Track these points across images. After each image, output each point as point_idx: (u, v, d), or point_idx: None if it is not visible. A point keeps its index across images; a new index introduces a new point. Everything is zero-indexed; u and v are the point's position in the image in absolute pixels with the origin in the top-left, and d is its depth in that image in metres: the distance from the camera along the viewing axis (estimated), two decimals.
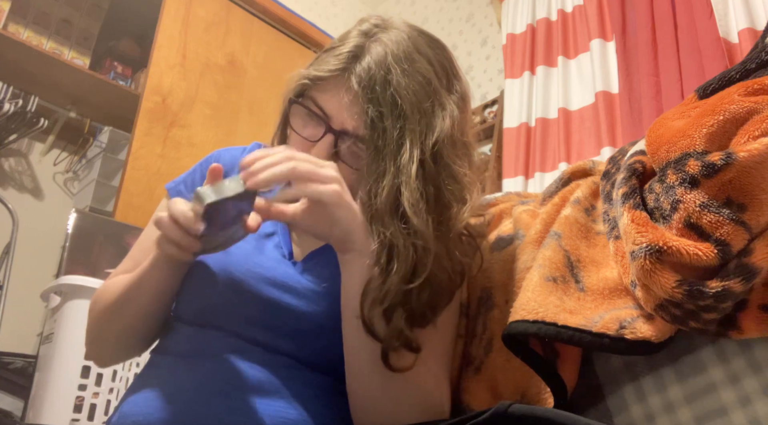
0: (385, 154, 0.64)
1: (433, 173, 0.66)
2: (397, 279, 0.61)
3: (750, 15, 1.99)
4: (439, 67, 0.71)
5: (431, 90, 0.68)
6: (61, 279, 1.54)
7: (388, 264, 0.62)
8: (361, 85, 0.66)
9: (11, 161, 2.53)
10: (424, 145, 0.65)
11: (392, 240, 0.62)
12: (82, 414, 1.43)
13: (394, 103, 0.65)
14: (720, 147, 0.56)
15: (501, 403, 0.47)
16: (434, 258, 0.63)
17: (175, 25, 2.46)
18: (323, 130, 0.69)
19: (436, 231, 0.64)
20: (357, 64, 0.67)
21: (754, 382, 0.55)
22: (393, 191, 0.63)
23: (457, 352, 0.79)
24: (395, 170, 0.64)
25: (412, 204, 0.63)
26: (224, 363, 0.65)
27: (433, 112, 0.68)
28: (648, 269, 0.54)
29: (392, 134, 0.65)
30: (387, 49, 0.68)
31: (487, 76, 3.19)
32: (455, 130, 0.69)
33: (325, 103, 0.69)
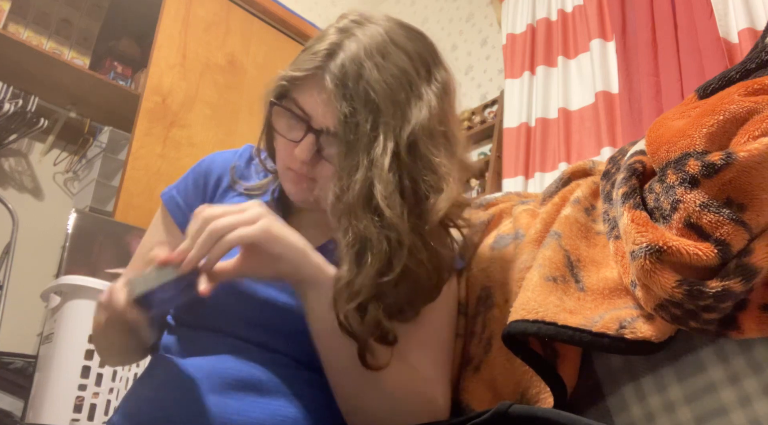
0: (358, 149, 0.64)
1: (409, 164, 0.65)
2: (371, 273, 0.61)
3: (750, 15, 1.99)
4: (417, 58, 0.71)
5: (407, 81, 0.68)
6: (61, 279, 1.54)
7: (362, 258, 0.62)
8: (335, 83, 0.65)
9: (11, 161, 2.53)
10: (399, 136, 0.65)
11: (365, 233, 0.62)
12: (82, 414, 1.43)
13: (367, 98, 0.65)
14: (720, 147, 0.56)
15: (501, 403, 0.47)
16: (409, 251, 0.63)
17: (175, 25, 2.46)
18: (304, 130, 0.69)
19: (412, 223, 0.64)
20: (331, 62, 0.67)
21: (754, 382, 0.55)
22: (366, 184, 0.63)
23: (456, 351, 0.79)
24: (368, 163, 0.63)
25: (385, 196, 0.62)
26: (223, 363, 0.65)
27: (409, 103, 0.67)
28: (648, 269, 0.54)
29: (365, 128, 0.64)
30: (360, 45, 0.67)
31: (487, 76, 3.19)
32: (433, 120, 0.68)
33: (304, 102, 0.69)
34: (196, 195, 0.83)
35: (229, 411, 0.61)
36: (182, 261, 0.59)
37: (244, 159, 0.86)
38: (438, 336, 0.74)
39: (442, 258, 0.68)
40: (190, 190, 0.83)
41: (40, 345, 1.66)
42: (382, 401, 0.64)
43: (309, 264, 0.63)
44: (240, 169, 0.84)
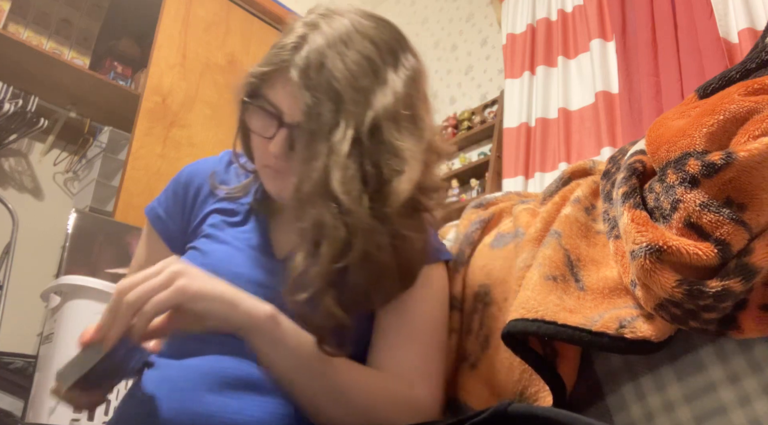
0: (319, 137, 0.64)
1: (371, 149, 0.65)
2: (326, 260, 0.61)
3: (750, 15, 1.99)
4: (383, 45, 0.71)
5: (371, 67, 0.68)
6: (61, 279, 1.54)
7: (317, 246, 0.62)
8: (299, 74, 0.66)
9: (11, 161, 2.53)
10: (361, 122, 0.65)
11: (321, 220, 0.62)
12: (82, 414, 1.43)
13: (329, 86, 0.65)
14: (720, 147, 0.56)
15: (500, 403, 0.47)
16: (367, 235, 0.62)
17: (175, 25, 2.46)
18: (276, 126, 0.69)
19: (373, 208, 0.63)
20: (297, 55, 0.67)
21: (754, 382, 0.55)
22: (324, 172, 0.63)
23: (450, 347, 0.79)
24: (327, 151, 0.64)
25: (342, 182, 0.62)
26: (220, 362, 0.65)
27: (373, 89, 0.67)
28: (648, 268, 0.54)
29: (327, 116, 0.65)
30: (325, 37, 0.68)
31: (487, 76, 3.19)
32: (398, 104, 0.68)
33: (274, 98, 0.69)
34: (176, 205, 0.83)
35: (228, 410, 0.61)
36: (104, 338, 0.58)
37: (224, 164, 0.86)
38: (427, 330, 0.73)
39: (410, 242, 0.67)
40: (170, 201, 0.83)
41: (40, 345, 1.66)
42: (356, 416, 0.64)
43: (238, 314, 0.62)
44: (220, 175, 0.84)
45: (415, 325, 0.72)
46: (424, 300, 0.74)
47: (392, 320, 0.72)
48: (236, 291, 0.63)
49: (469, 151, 3.11)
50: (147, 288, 0.58)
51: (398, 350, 0.70)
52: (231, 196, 0.81)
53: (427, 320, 0.74)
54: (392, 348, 0.70)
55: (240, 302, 0.62)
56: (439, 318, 0.76)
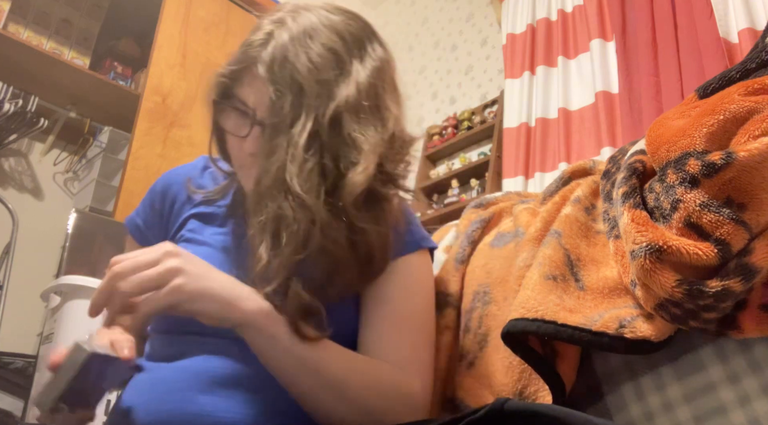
0: (280, 131, 0.65)
1: (330, 142, 0.65)
2: (288, 252, 0.62)
3: (750, 15, 1.99)
4: (350, 37, 0.71)
5: (335, 59, 0.68)
6: (61, 279, 1.54)
7: (278, 238, 0.63)
8: (265, 70, 0.66)
9: (11, 161, 2.53)
10: (322, 115, 0.65)
11: (280, 213, 0.63)
12: None
13: (292, 80, 0.66)
14: (720, 146, 0.56)
15: (497, 400, 0.47)
16: (323, 229, 0.63)
17: (175, 25, 2.46)
18: (250, 124, 0.69)
19: (328, 201, 0.64)
20: (263, 52, 0.68)
21: (754, 382, 0.55)
22: (282, 165, 0.64)
23: (446, 343, 0.79)
24: (286, 144, 0.64)
25: (298, 176, 0.63)
26: (209, 362, 0.65)
27: (336, 81, 0.67)
28: (648, 268, 0.54)
29: (289, 110, 0.65)
30: (290, 32, 0.68)
31: (487, 76, 3.19)
32: (361, 95, 0.68)
33: (245, 96, 0.70)
34: (154, 215, 0.82)
35: (220, 409, 0.61)
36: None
37: (199, 169, 0.85)
38: (413, 318, 0.73)
39: (369, 235, 0.67)
40: (148, 212, 0.83)
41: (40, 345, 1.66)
42: (353, 408, 0.64)
43: (233, 313, 0.61)
44: (196, 180, 0.83)
45: (401, 315, 0.72)
46: (407, 289, 0.74)
47: (377, 310, 0.72)
48: (233, 287, 0.62)
49: (469, 151, 3.11)
50: (141, 281, 0.58)
51: (386, 340, 0.70)
52: (208, 200, 0.80)
53: (412, 309, 0.74)
54: (381, 338, 0.70)
55: (236, 300, 0.61)
56: (424, 307, 0.76)
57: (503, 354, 0.71)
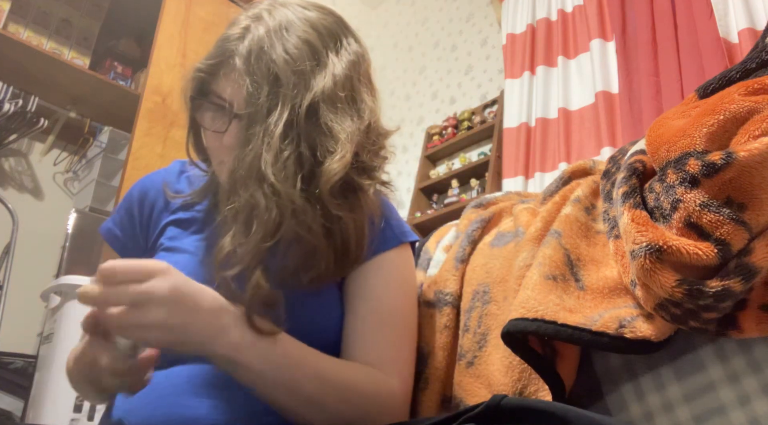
0: (255, 121, 0.66)
1: (306, 131, 0.66)
2: (256, 239, 0.62)
3: (750, 15, 1.99)
4: (325, 31, 0.72)
5: (311, 51, 0.69)
6: (61, 279, 1.54)
7: (247, 226, 0.63)
8: (243, 62, 0.67)
9: (11, 161, 2.54)
10: (298, 105, 0.66)
11: (252, 202, 0.63)
12: (82, 414, 1.43)
13: (268, 71, 0.66)
14: (720, 146, 0.56)
15: (494, 396, 0.48)
16: (297, 216, 0.63)
17: (175, 25, 2.46)
18: (228, 118, 0.69)
19: (304, 189, 0.65)
20: (240, 45, 0.69)
21: (754, 382, 0.55)
22: (257, 154, 0.64)
23: (442, 343, 0.79)
24: (262, 133, 0.65)
25: (272, 163, 0.63)
26: (200, 367, 0.65)
27: (313, 72, 0.68)
28: (648, 268, 0.54)
29: (265, 101, 0.66)
30: (266, 25, 0.69)
31: (487, 76, 3.19)
32: (337, 86, 0.69)
33: (223, 90, 0.70)
34: (131, 223, 0.81)
35: (217, 411, 0.61)
36: None
37: (175, 174, 0.85)
38: (396, 316, 0.73)
39: (344, 223, 0.68)
40: (125, 220, 0.82)
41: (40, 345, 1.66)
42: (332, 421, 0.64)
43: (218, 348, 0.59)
44: (172, 185, 0.83)
45: (383, 312, 0.72)
46: (389, 286, 0.74)
47: (360, 307, 0.72)
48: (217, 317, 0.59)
49: (469, 151, 3.11)
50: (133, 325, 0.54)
51: (368, 338, 0.70)
52: (187, 204, 0.80)
53: (394, 306, 0.74)
54: (362, 336, 0.70)
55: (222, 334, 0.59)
56: (406, 303, 0.76)
57: (503, 354, 0.71)
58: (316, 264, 0.67)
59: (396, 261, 0.76)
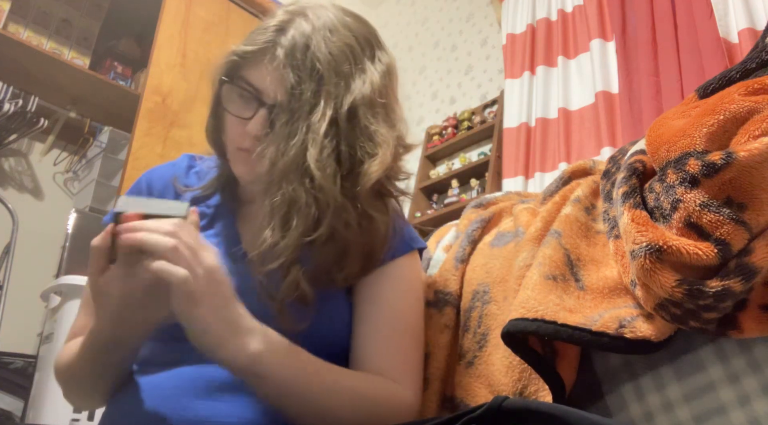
0: (299, 116, 0.66)
1: (347, 131, 0.68)
2: (296, 235, 0.63)
3: (750, 15, 1.99)
4: (363, 39, 0.74)
5: (352, 55, 0.71)
6: (61, 279, 1.54)
7: (287, 220, 0.64)
8: (285, 54, 0.68)
9: (11, 161, 2.53)
10: (340, 104, 0.68)
11: (294, 196, 0.64)
12: (82, 414, 1.43)
13: (312, 67, 0.68)
14: (720, 146, 0.56)
15: (495, 397, 0.48)
16: (337, 212, 0.65)
17: (175, 25, 2.46)
18: (256, 106, 0.70)
19: (345, 186, 0.66)
20: (282, 37, 0.69)
21: (754, 382, 0.55)
22: (301, 149, 0.65)
23: (442, 342, 0.79)
24: (305, 129, 0.66)
25: (317, 159, 0.65)
26: (206, 368, 0.64)
27: (353, 75, 0.70)
28: (648, 268, 0.54)
29: (307, 96, 0.67)
30: (310, 22, 0.71)
31: (487, 76, 3.19)
32: (375, 93, 0.71)
33: (254, 78, 0.70)
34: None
35: (219, 414, 0.61)
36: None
37: (183, 168, 0.85)
38: (406, 322, 0.74)
39: (375, 222, 0.70)
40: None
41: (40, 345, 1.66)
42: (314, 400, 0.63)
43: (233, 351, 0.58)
44: (181, 179, 0.83)
45: (393, 319, 0.72)
46: (400, 293, 0.74)
47: (371, 313, 0.72)
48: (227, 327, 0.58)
49: (469, 151, 3.11)
50: (183, 263, 0.54)
51: (379, 347, 0.70)
52: (196, 199, 0.79)
53: (403, 314, 0.74)
54: (373, 345, 0.70)
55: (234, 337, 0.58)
56: (416, 313, 0.76)
57: (503, 354, 0.71)
58: (348, 263, 0.69)
59: (406, 268, 0.77)
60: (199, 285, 0.55)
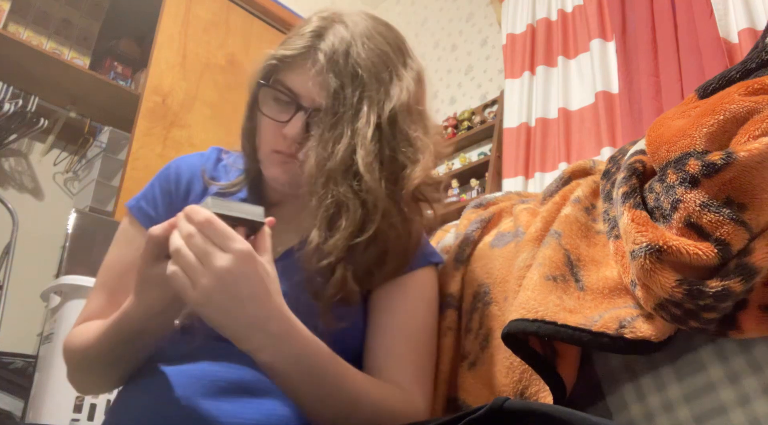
0: (343, 120, 0.68)
1: (389, 136, 0.70)
2: (345, 235, 0.65)
3: (750, 15, 1.99)
4: (395, 46, 0.76)
5: (389, 62, 0.73)
6: (61, 279, 1.54)
7: (335, 221, 0.66)
8: (326, 59, 0.69)
9: (11, 161, 2.53)
10: (381, 110, 0.70)
11: (343, 198, 0.66)
12: (82, 414, 1.43)
13: (354, 73, 0.69)
14: (720, 146, 0.56)
15: (497, 399, 0.48)
16: (383, 214, 0.67)
17: (175, 25, 2.46)
18: (293, 110, 0.71)
19: (389, 189, 0.68)
20: (321, 42, 0.71)
21: (754, 382, 0.55)
22: (348, 152, 0.67)
23: (445, 345, 0.79)
24: (351, 133, 0.68)
25: (367, 163, 0.67)
26: (212, 367, 0.64)
27: (391, 82, 0.72)
28: (648, 268, 0.54)
29: (351, 101, 0.69)
30: (348, 29, 0.72)
31: (487, 76, 3.19)
32: (411, 99, 0.73)
33: (293, 82, 0.72)
34: (165, 202, 0.80)
35: (224, 414, 0.61)
36: None
37: (212, 161, 0.85)
38: (421, 336, 0.74)
39: (414, 225, 0.72)
40: (159, 199, 0.80)
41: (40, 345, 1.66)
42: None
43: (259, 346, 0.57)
44: (209, 172, 0.83)
45: (411, 331, 0.73)
46: (418, 304, 0.75)
47: (387, 323, 0.73)
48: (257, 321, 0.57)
49: (469, 151, 3.11)
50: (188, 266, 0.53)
51: (396, 357, 0.71)
52: (223, 193, 0.80)
53: (422, 325, 0.75)
54: (390, 354, 0.71)
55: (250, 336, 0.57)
56: (431, 324, 0.77)
57: (504, 355, 0.71)
58: (387, 264, 0.71)
59: (425, 280, 0.78)
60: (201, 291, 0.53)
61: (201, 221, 0.54)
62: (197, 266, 0.54)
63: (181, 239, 0.55)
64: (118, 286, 0.74)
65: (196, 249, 0.54)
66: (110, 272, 0.78)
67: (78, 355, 0.71)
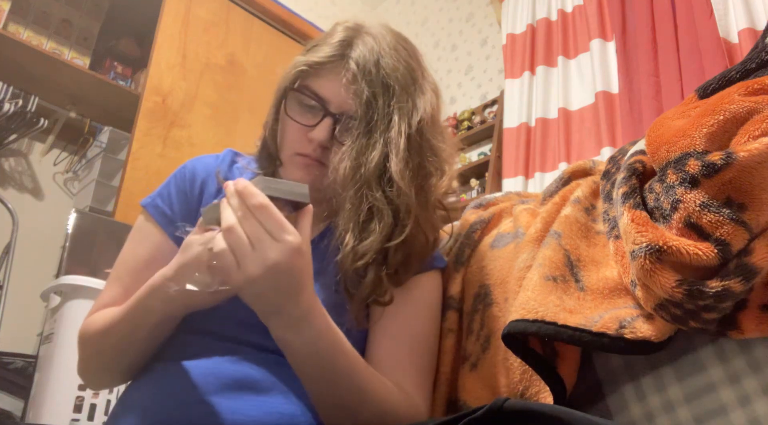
0: (376, 129, 0.71)
1: (417, 146, 0.73)
2: (379, 239, 0.68)
3: (750, 15, 1.99)
4: (416, 60, 0.80)
5: (414, 75, 0.76)
6: (61, 279, 1.54)
7: (369, 225, 0.69)
8: (359, 68, 0.72)
9: (11, 161, 2.53)
10: (411, 120, 0.73)
11: (377, 204, 0.69)
12: (82, 414, 1.43)
13: (385, 84, 0.72)
14: (720, 147, 0.56)
15: (497, 399, 0.48)
16: (415, 218, 0.70)
17: (175, 25, 2.46)
18: (321, 115, 0.73)
19: (417, 197, 0.72)
20: (352, 51, 0.74)
21: (754, 382, 0.55)
22: (381, 160, 0.70)
23: (447, 347, 0.79)
24: (384, 141, 0.71)
25: (399, 170, 0.70)
26: (218, 364, 0.65)
27: (416, 93, 0.75)
28: (648, 269, 0.54)
29: (384, 111, 0.71)
30: (375, 40, 0.75)
31: (487, 76, 3.19)
32: (434, 111, 0.77)
33: (321, 88, 0.74)
34: (180, 202, 0.80)
35: (228, 411, 0.61)
36: None
37: (227, 162, 0.85)
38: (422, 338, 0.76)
39: (433, 231, 0.77)
40: (175, 198, 0.80)
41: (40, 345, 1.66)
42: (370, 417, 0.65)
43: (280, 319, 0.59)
44: (224, 173, 0.83)
45: (414, 335, 0.74)
46: (421, 308, 0.76)
47: (391, 324, 0.73)
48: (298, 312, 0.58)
49: (469, 151, 3.11)
50: (233, 256, 0.54)
51: (398, 360, 0.72)
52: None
53: (426, 329, 0.76)
54: (393, 357, 0.72)
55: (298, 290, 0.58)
56: (434, 330, 0.78)
57: (505, 356, 0.71)
58: (413, 266, 0.74)
59: (429, 285, 0.79)
60: (246, 277, 0.54)
61: (256, 205, 0.54)
62: (248, 250, 0.54)
63: (234, 217, 0.54)
64: (131, 281, 0.75)
65: (249, 232, 0.54)
66: (125, 266, 0.79)
67: (96, 338, 0.72)
